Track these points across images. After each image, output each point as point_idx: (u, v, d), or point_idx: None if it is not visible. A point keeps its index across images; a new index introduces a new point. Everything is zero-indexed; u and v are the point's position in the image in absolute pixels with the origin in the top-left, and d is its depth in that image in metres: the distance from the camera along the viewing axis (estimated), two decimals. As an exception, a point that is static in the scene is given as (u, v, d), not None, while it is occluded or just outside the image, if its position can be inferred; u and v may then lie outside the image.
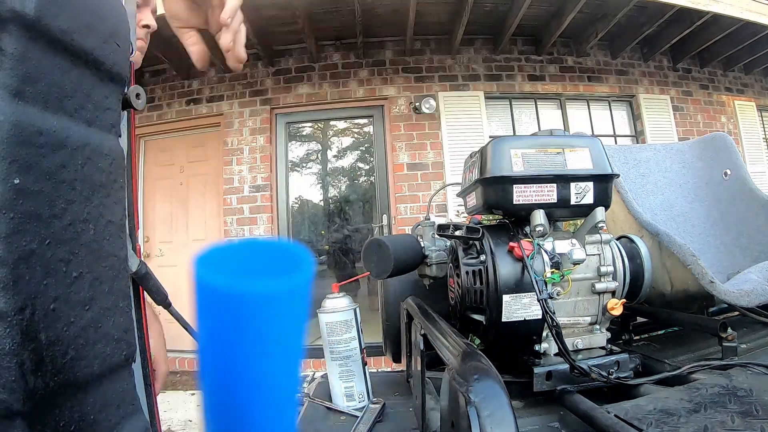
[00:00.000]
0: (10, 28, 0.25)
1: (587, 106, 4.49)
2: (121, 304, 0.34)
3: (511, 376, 0.67)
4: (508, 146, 0.69)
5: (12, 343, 0.24)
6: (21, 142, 0.25)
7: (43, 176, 0.27)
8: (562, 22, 3.72)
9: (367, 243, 0.77)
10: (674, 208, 1.20)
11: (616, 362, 0.66)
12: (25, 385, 0.24)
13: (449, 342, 0.45)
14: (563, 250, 0.67)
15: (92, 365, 0.30)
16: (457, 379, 0.36)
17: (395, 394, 0.74)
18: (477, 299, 0.67)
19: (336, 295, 0.70)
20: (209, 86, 4.12)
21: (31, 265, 0.25)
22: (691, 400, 0.54)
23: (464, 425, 0.32)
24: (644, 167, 1.24)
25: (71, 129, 0.29)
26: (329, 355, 0.69)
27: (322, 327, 0.69)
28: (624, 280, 0.72)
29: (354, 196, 4.40)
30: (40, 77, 0.27)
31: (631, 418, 0.50)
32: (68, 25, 0.29)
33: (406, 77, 4.07)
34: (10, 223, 0.24)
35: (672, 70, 4.66)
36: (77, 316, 0.29)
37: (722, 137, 1.20)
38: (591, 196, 0.70)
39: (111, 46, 0.33)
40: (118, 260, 0.34)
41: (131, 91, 0.37)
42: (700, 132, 4.44)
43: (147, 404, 0.38)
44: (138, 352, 0.37)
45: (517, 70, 4.27)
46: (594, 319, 0.71)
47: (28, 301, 0.25)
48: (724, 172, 1.17)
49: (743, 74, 4.94)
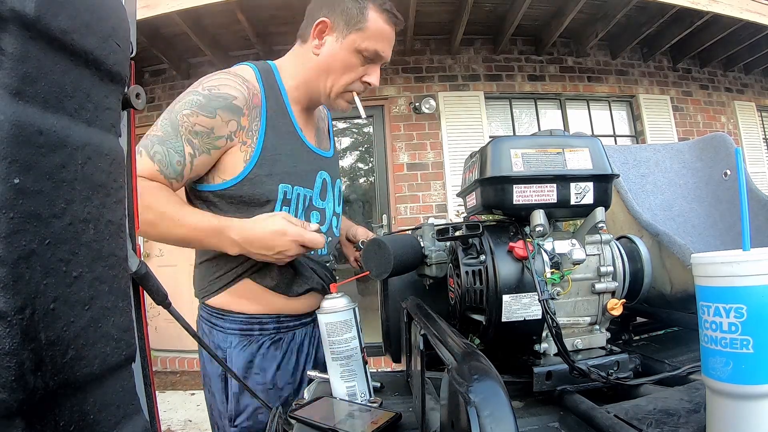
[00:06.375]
0: (10, 27, 0.25)
1: (587, 107, 4.49)
2: (121, 304, 0.34)
3: (511, 376, 0.67)
4: (508, 146, 0.69)
5: (12, 343, 0.24)
6: (21, 142, 0.25)
7: (43, 176, 0.27)
8: (562, 22, 3.73)
9: (367, 243, 0.77)
10: (674, 208, 1.20)
11: (615, 362, 0.66)
12: (25, 385, 0.24)
13: (449, 342, 0.45)
14: (563, 250, 0.67)
15: (92, 365, 0.30)
16: (456, 379, 0.36)
17: (395, 394, 0.74)
18: (477, 299, 0.67)
19: (335, 295, 0.70)
20: (209, 86, 4.11)
21: (31, 265, 0.25)
22: (691, 400, 0.54)
23: (464, 425, 0.32)
24: (644, 167, 1.24)
25: (71, 129, 0.29)
26: (330, 356, 0.69)
27: (321, 328, 0.69)
28: (624, 280, 0.72)
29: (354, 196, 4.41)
30: (40, 77, 0.27)
31: (631, 418, 0.50)
32: (68, 24, 0.29)
33: (406, 77, 4.07)
34: (10, 223, 0.24)
35: (672, 70, 4.66)
36: (77, 316, 0.29)
37: (722, 137, 1.20)
38: (591, 196, 0.70)
39: (111, 46, 0.33)
40: (118, 260, 0.34)
41: (131, 91, 0.37)
42: (700, 132, 4.45)
43: (147, 404, 0.38)
44: (138, 352, 0.37)
45: (517, 70, 4.27)
46: (594, 319, 0.71)
47: (28, 301, 0.25)
48: (724, 173, 1.17)
49: (743, 74, 4.94)
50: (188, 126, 0.82)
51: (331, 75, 0.93)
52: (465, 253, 0.70)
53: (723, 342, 0.41)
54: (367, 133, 4.24)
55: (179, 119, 0.82)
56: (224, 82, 0.86)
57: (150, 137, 0.82)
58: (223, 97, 0.84)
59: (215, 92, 0.84)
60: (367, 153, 4.15)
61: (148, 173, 0.80)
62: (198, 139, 0.82)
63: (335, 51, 0.92)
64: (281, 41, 3.95)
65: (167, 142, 0.81)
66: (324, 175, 0.99)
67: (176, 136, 0.82)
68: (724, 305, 0.41)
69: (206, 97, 0.83)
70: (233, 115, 0.85)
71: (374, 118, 4.10)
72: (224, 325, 0.92)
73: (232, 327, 0.91)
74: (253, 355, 0.91)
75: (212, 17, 3.44)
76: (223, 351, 0.91)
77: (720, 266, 0.42)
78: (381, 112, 4.09)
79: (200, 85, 0.86)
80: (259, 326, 0.92)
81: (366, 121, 4.17)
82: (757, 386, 0.40)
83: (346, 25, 0.90)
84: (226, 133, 0.85)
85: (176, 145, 0.81)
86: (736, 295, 0.40)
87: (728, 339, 0.41)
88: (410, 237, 0.80)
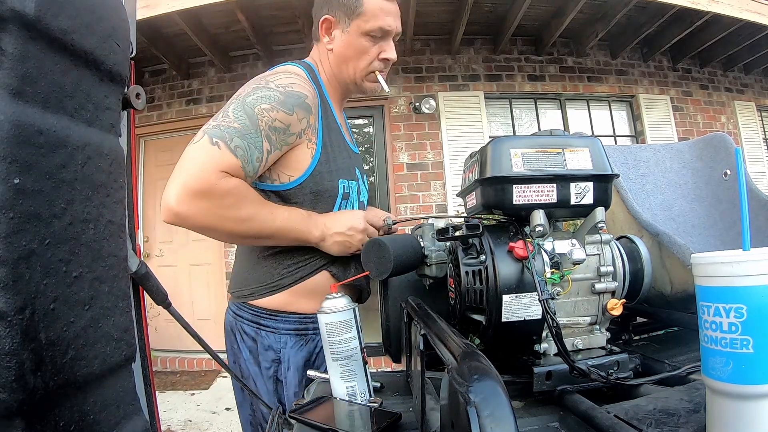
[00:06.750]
0: (10, 27, 0.25)
1: (587, 106, 4.49)
2: (121, 304, 0.34)
3: (511, 376, 0.67)
4: (507, 146, 0.69)
5: (12, 343, 0.24)
6: (21, 142, 0.25)
7: (43, 176, 0.27)
8: (562, 22, 3.73)
9: (367, 243, 0.77)
10: (674, 208, 1.20)
11: (615, 362, 0.66)
12: (25, 385, 0.24)
13: (449, 342, 0.45)
14: (563, 250, 0.67)
15: (92, 365, 0.30)
16: (456, 379, 0.36)
17: (395, 394, 0.74)
18: (477, 299, 0.67)
19: (335, 295, 0.70)
20: (209, 86, 4.12)
21: (31, 265, 0.25)
22: (691, 400, 0.54)
23: (464, 425, 0.32)
24: (644, 167, 1.24)
25: (71, 129, 0.29)
26: (330, 356, 0.69)
27: (321, 328, 0.69)
28: (624, 280, 0.72)
29: (354, 196, 4.39)
30: (40, 77, 0.27)
31: (631, 418, 0.50)
32: (68, 24, 0.29)
33: (406, 77, 4.07)
34: (10, 223, 0.24)
35: (672, 70, 4.66)
36: (77, 316, 0.29)
37: (722, 137, 1.20)
38: (591, 196, 0.70)
39: (111, 46, 0.33)
40: (118, 260, 0.34)
41: (131, 91, 0.37)
42: (700, 132, 4.45)
43: (147, 404, 0.38)
44: (138, 352, 0.37)
45: (517, 70, 4.28)
46: (594, 319, 0.71)
47: (28, 301, 0.25)
48: (724, 173, 1.17)
49: (743, 74, 4.94)
50: (268, 121, 0.80)
51: (350, 63, 0.96)
52: (465, 253, 0.70)
53: (723, 342, 0.41)
54: (367, 133, 4.24)
55: (257, 113, 0.79)
56: (294, 80, 0.87)
57: (224, 129, 0.76)
58: (298, 95, 0.85)
59: (290, 90, 0.85)
60: (367, 153, 4.15)
61: (233, 169, 0.75)
62: (275, 135, 0.81)
63: (346, 42, 0.95)
64: (281, 41, 3.96)
65: (247, 136, 0.77)
66: (357, 170, 1.03)
67: (256, 130, 0.78)
68: (724, 305, 0.41)
69: (283, 93, 0.83)
70: (306, 113, 0.86)
71: (374, 118, 4.10)
72: (277, 326, 0.91)
73: (287, 327, 0.91)
74: (311, 353, 0.92)
75: (212, 17, 3.45)
76: (276, 352, 0.91)
77: (720, 266, 0.42)
78: (381, 112, 4.09)
79: (268, 81, 0.85)
80: (314, 326, 0.92)
81: (366, 121, 4.18)
82: (757, 386, 0.40)
83: (346, 16, 0.93)
84: (298, 131, 0.86)
85: (256, 140, 0.78)
86: (736, 295, 0.40)
87: (728, 339, 0.41)
88: (410, 237, 0.80)
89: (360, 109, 4.06)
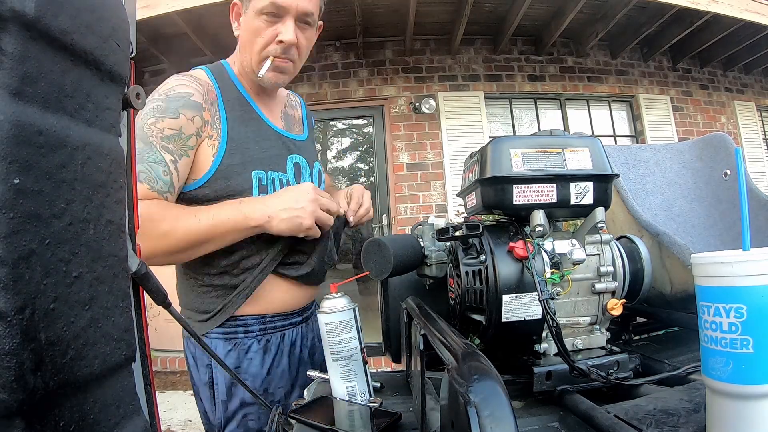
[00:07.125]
0: (10, 27, 0.25)
1: (587, 107, 4.49)
2: (121, 304, 0.34)
3: (511, 376, 0.67)
4: (507, 146, 0.69)
5: (12, 343, 0.24)
6: (21, 142, 0.25)
7: (43, 176, 0.27)
8: (562, 22, 3.73)
9: (367, 243, 0.77)
10: (674, 208, 1.20)
11: (615, 362, 0.66)
12: (25, 385, 0.24)
13: (449, 342, 0.45)
14: (563, 250, 0.67)
15: (92, 365, 0.30)
16: (456, 379, 0.36)
17: (395, 394, 0.74)
18: (477, 299, 0.67)
19: (334, 295, 0.70)
20: (209, 86, 4.11)
21: (31, 265, 0.25)
22: (691, 400, 0.54)
23: (464, 425, 0.32)
24: (644, 167, 1.24)
25: (71, 129, 0.29)
26: (330, 356, 0.69)
27: (321, 328, 0.69)
28: (624, 280, 0.72)
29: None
30: (40, 77, 0.27)
31: (631, 418, 0.50)
32: (68, 24, 0.29)
33: (406, 77, 4.07)
34: (10, 223, 0.24)
35: (672, 71, 4.67)
36: (77, 315, 0.29)
37: (722, 137, 1.20)
38: (591, 196, 0.70)
39: (111, 46, 0.33)
40: (118, 260, 0.34)
41: (131, 91, 0.37)
42: (700, 132, 4.45)
43: (147, 404, 0.38)
44: (138, 352, 0.37)
45: (517, 70, 4.28)
46: (594, 319, 0.71)
47: (28, 301, 0.25)
48: (724, 173, 1.17)
49: (743, 74, 4.94)
50: (157, 133, 0.80)
51: (247, 47, 0.91)
52: (465, 253, 0.70)
53: (723, 342, 0.41)
54: (367, 133, 4.24)
55: (146, 131, 0.80)
56: (178, 83, 0.86)
57: None
58: (181, 96, 0.83)
59: (172, 94, 0.84)
60: (367, 153, 4.15)
61: (142, 194, 0.77)
62: (172, 143, 0.81)
63: (244, 25, 0.90)
64: (281, 41, 3.95)
65: (144, 158, 0.79)
66: (296, 158, 0.98)
67: (150, 148, 0.79)
68: (724, 305, 0.41)
69: (165, 100, 0.82)
70: (195, 111, 0.84)
71: (374, 118, 4.10)
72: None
73: (216, 331, 0.88)
74: (240, 360, 0.89)
75: (212, 17, 3.44)
76: (208, 358, 0.88)
77: (720, 266, 0.42)
78: (381, 112, 4.09)
79: (156, 93, 0.85)
80: (244, 328, 0.89)
81: (366, 121, 4.17)
82: (757, 386, 0.40)
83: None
84: (194, 130, 0.84)
85: (155, 157, 0.79)
86: (736, 295, 0.40)
87: (728, 339, 0.41)
88: (410, 237, 0.80)
89: (360, 109, 4.06)
